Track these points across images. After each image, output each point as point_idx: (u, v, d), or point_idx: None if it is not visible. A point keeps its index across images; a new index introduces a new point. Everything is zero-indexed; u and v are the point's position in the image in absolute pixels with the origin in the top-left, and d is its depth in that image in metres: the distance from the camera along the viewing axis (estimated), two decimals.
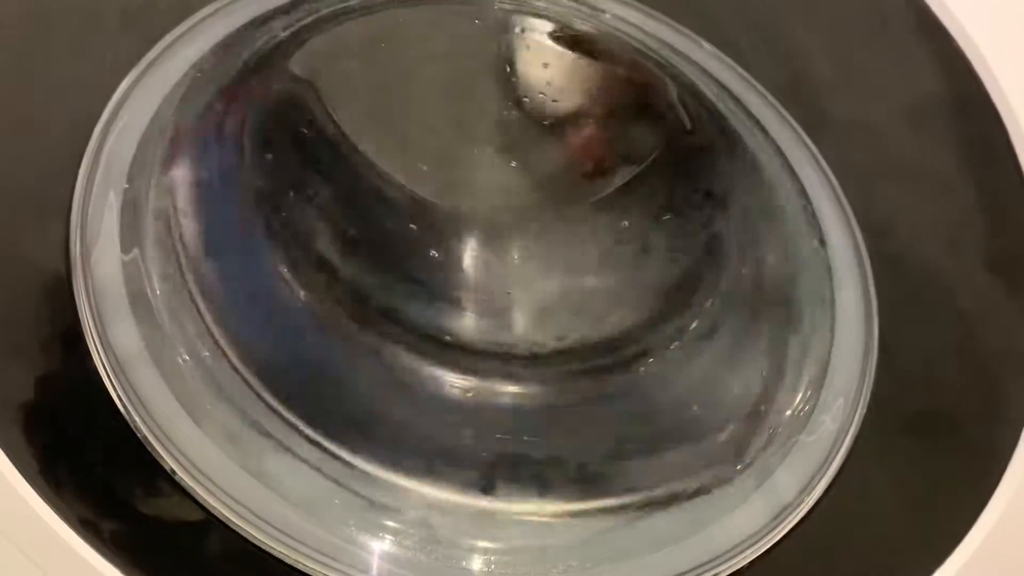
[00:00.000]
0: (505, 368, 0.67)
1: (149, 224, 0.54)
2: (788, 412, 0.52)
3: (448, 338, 0.67)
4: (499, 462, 0.64)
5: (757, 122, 0.44)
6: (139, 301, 0.54)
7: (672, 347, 0.64)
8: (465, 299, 0.67)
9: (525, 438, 0.65)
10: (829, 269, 0.47)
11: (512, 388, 0.67)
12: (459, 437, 0.65)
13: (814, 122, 0.40)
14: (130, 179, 0.50)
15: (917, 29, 0.37)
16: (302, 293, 0.64)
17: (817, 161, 0.41)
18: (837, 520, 0.49)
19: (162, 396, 0.56)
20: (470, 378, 0.67)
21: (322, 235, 0.65)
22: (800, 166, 0.44)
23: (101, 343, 0.52)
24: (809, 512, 0.49)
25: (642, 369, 0.64)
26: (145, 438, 0.55)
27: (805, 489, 0.49)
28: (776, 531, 0.50)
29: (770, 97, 0.40)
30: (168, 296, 0.56)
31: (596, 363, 0.66)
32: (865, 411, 0.46)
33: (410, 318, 0.67)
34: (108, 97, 0.45)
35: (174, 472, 0.55)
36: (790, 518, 0.50)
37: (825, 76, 0.38)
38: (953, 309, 0.43)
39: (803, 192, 0.45)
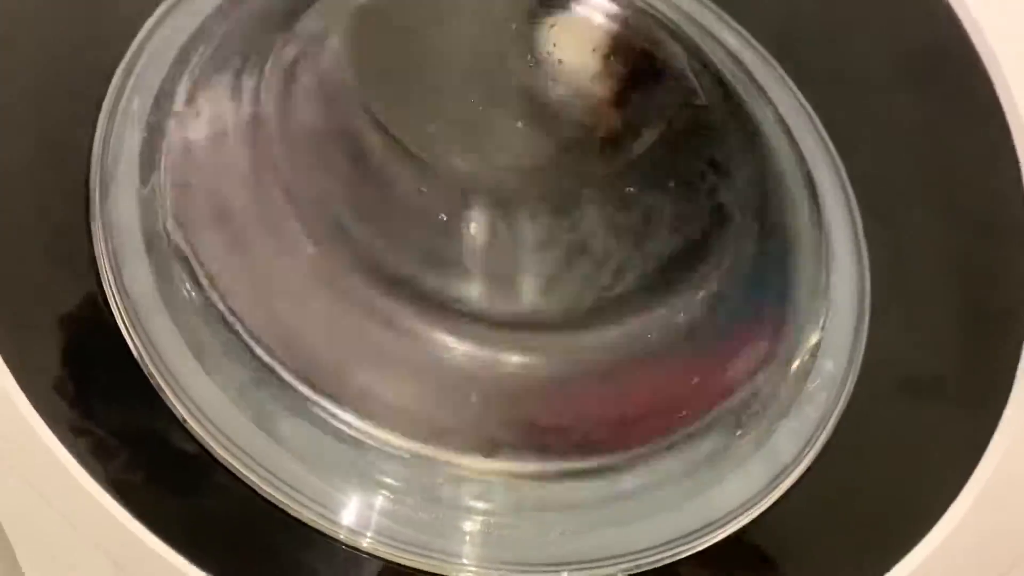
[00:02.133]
0: (513, 337, 0.67)
1: (166, 168, 0.55)
2: (786, 378, 0.53)
3: (457, 305, 0.68)
4: (503, 428, 0.64)
5: (755, 81, 0.44)
6: (154, 245, 0.56)
7: (677, 318, 0.64)
8: (474, 266, 0.68)
9: (530, 406, 0.66)
10: (825, 233, 0.47)
11: (518, 357, 0.68)
12: (465, 402, 0.66)
13: (806, 77, 0.41)
14: (151, 115, 0.51)
15: None
16: (314, 255, 0.66)
17: (812, 121, 0.42)
18: (834, 481, 0.49)
19: (176, 345, 0.57)
20: (478, 346, 0.68)
21: (335, 198, 0.66)
22: (796, 127, 0.44)
23: (116, 287, 0.54)
24: (805, 473, 0.49)
25: (648, 339, 0.65)
26: (159, 386, 0.56)
27: (802, 452, 0.49)
28: (772, 494, 0.51)
29: (764, 52, 0.41)
30: (179, 246, 0.58)
31: (601, 332, 0.66)
32: (858, 374, 0.47)
33: (420, 284, 0.68)
34: (134, 34, 0.46)
35: (185, 420, 0.57)
36: (787, 480, 0.50)
37: (815, 28, 0.39)
38: (945, 269, 0.44)
39: (800, 154, 0.46)
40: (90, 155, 0.49)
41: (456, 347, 0.68)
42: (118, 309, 0.54)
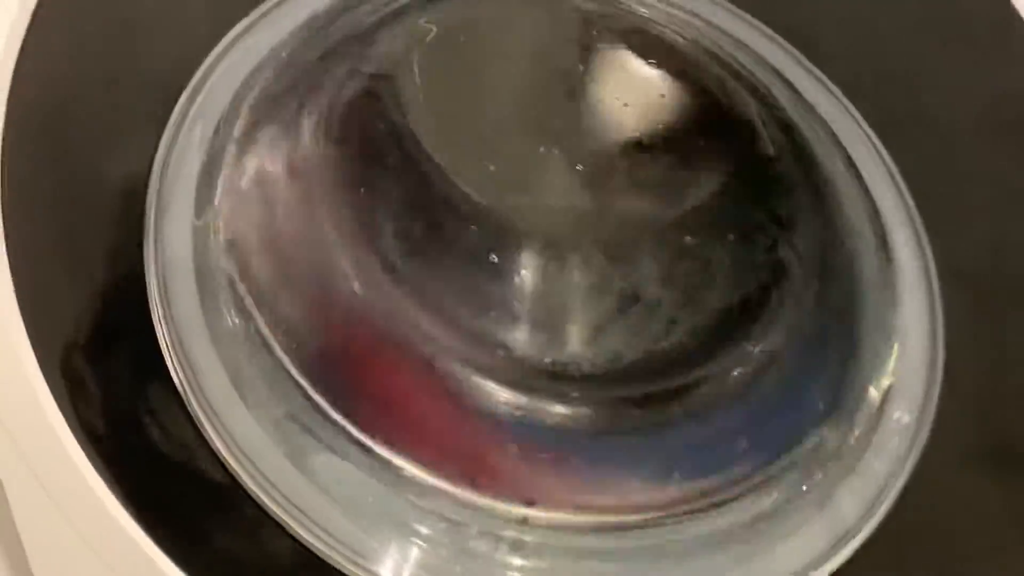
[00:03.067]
0: (556, 387, 0.66)
1: (221, 198, 0.55)
2: (846, 444, 0.51)
3: (501, 352, 0.66)
4: (542, 481, 0.63)
5: (828, 128, 0.43)
6: (204, 274, 0.55)
7: (729, 377, 0.62)
8: (520, 312, 0.67)
9: (571, 460, 0.64)
10: (895, 289, 0.46)
11: (561, 409, 0.66)
12: (503, 453, 0.64)
13: (885, 122, 0.40)
14: (212, 143, 0.51)
15: (1000, 26, 0.37)
16: (360, 292, 0.65)
17: (887, 166, 0.41)
18: (901, 549, 0.47)
19: (217, 376, 0.56)
20: (519, 395, 0.66)
21: (386, 235, 0.65)
22: (869, 173, 0.43)
23: (164, 315, 0.53)
24: (870, 538, 0.47)
25: (695, 398, 0.63)
26: (197, 416, 0.55)
27: (867, 514, 0.47)
28: (833, 560, 0.49)
29: (841, 96, 0.40)
30: (230, 277, 0.57)
31: (649, 389, 0.65)
32: (929, 435, 0.45)
33: (465, 327, 0.66)
34: (202, 59, 0.47)
35: (220, 451, 0.55)
36: (850, 546, 0.48)
37: (899, 72, 0.38)
38: None
39: (871, 202, 0.45)
40: (148, 180, 0.49)
41: (498, 395, 0.66)
42: (164, 337, 0.53)
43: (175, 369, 0.54)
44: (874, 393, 0.49)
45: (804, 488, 0.52)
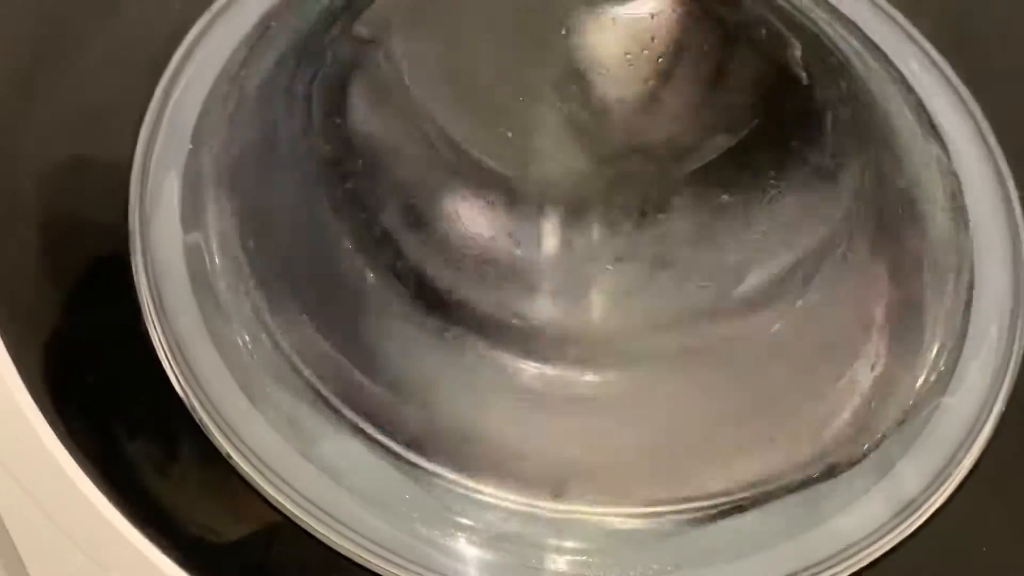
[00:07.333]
0: (582, 355, 0.62)
1: (210, 197, 0.50)
2: (910, 402, 0.47)
3: (518, 321, 0.62)
4: (573, 456, 0.59)
5: (901, 77, 0.38)
6: (199, 281, 0.50)
7: (770, 335, 0.58)
8: (540, 280, 0.62)
9: (603, 430, 0.60)
10: (971, 251, 0.42)
11: (589, 377, 0.62)
12: (530, 429, 0.61)
13: (978, 75, 0.35)
14: (194, 143, 0.46)
15: None
16: (365, 271, 0.60)
17: (975, 122, 0.36)
18: (970, 524, 0.44)
19: (221, 379, 0.52)
20: (542, 365, 0.62)
21: (389, 209, 0.60)
22: (948, 124, 0.38)
23: (160, 325, 0.49)
24: (937, 511, 0.44)
25: (735, 358, 0.59)
26: (202, 421, 0.51)
27: (931, 485, 0.44)
28: (896, 532, 0.46)
29: (924, 43, 0.35)
30: (228, 276, 0.52)
31: (685, 347, 0.60)
32: (1010, 393, 0.41)
33: (479, 300, 0.62)
34: (175, 48, 0.41)
35: (230, 456, 0.52)
36: (914, 516, 0.45)
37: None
38: None
39: (947, 158, 0.40)
40: (129, 173, 0.44)
41: (519, 368, 0.62)
42: (161, 345, 0.49)
43: (176, 377, 0.50)
44: (940, 358, 0.44)
45: (850, 462, 0.48)
